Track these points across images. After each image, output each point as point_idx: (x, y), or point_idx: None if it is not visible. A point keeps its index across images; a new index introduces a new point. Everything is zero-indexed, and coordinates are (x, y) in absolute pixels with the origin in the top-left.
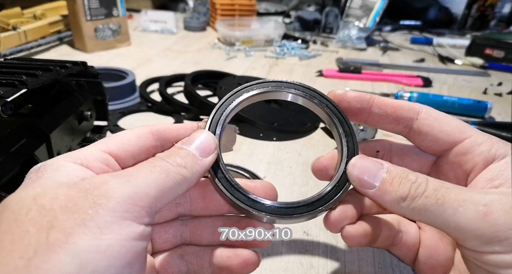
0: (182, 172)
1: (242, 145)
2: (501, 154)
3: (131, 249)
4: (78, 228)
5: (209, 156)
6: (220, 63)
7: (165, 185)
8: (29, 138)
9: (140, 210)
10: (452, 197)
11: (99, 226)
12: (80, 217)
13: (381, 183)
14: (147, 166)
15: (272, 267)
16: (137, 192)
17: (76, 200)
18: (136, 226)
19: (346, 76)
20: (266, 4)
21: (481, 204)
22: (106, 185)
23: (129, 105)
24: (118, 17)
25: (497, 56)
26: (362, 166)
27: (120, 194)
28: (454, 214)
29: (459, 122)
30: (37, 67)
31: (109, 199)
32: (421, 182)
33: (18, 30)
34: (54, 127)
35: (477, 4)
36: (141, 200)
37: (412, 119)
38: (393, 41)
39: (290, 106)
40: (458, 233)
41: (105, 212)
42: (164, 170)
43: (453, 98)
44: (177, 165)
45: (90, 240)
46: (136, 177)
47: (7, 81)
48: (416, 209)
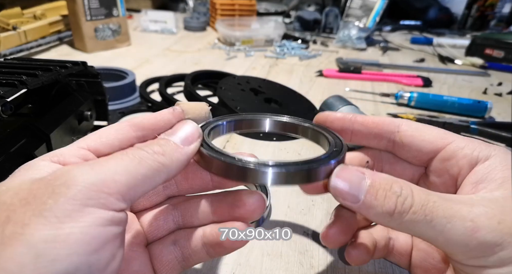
0: (159, 159)
1: (242, 145)
2: (484, 155)
3: (96, 236)
4: (35, 219)
5: (191, 144)
6: (220, 63)
7: (138, 172)
8: (29, 138)
9: (106, 196)
10: (440, 213)
11: (57, 215)
12: (37, 208)
13: (365, 197)
14: (119, 153)
15: (272, 267)
16: (102, 178)
17: (36, 192)
18: (103, 212)
19: (346, 76)
20: (266, 4)
21: (468, 219)
22: (67, 173)
23: (129, 105)
24: (118, 17)
25: (497, 56)
26: (344, 178)
27: (81, 181)
28: (442, 230)
29: (440, 130)
30: (37, 67)
31: (69, 187)
32: (407, 195)
33: (18, 30)
34: (54, 127)
35: (477, 4)
36: (108, 187)
37: (393, 133)
38: (393, 41)
39: (290, 106)
40: (447, 248)
41: (65, 200)
42: (137, 157)
43: (453, 98)
44: (153, 152)
45: (48, 229)
46: (103, 164)
47: (7, 81)
48: (404, 224)
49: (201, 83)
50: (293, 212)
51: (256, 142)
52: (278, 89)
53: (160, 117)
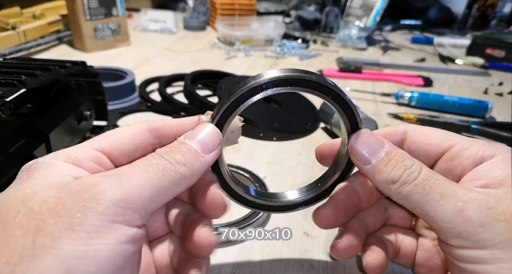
0: (181, 170)
1: (242, 145)
2: (488, 155)
3: (121, 253)
4: (66, 233)
5: (212, 152)
6: (220, 63)
7: (161, 185)
8: (28, 138)
9: (132, 213)
10: (437, 189)
11: (87, 231)
12: (68, 221)
13: (377, 161)
14: (143, 164)
15: (273, 268)
16: (129, 193)
17: (65, 203)
18: (127, 229)
19: (347, 76)
20: (266, 4)
21: (461, 200)
22: (96, 186)
23: (128, 105)
24: (118, 16)
25: (498, 56)
26: (364, 141)
27: (110, 197)
28: (434, 205)
29: (445, 132)
30: (36, 67)
31: (98, 202)
32: (415, 169)
33: (17, 30)
34: (54, 127)
35: (477, 3)
36: (133, 203)
37: (402, 142)
38: (393, 41)
39: (290, 106)
40: (434, 224)
41: (94, 215)
42: (161, 169)
43: (454, 98)
44: (176, 162)
45: (78, 245)
46: (130, 177)
47: (6, 81)
48: (402, 194)
49: (201, 83)
50: (293, 213)
51: (256, 142)
52: None
53: (182, 127)
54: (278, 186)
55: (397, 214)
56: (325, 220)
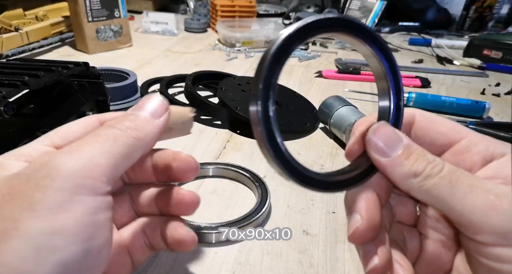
0: (133, 134)
1: (242, 145)
2: (499, 152)
3: (90, 224)
4: (27, 213)
5: (161, 117)
6: (221, 64)
7: (115, 151)
8: (31, 138)
9: (93, 182)
10: (465, 181)
11: (49, 207)
12: (26, 202)
13: (397, 154)
14: (91, 136)
15: (272, 266)
16: (84, 164)
17: (18, 187)
18: (92, 199)
19: (345, 77)
20: (266, 6)
21: (493, 193)
22: (47, 165)
23: (130, 106)
24: (120, 18)
25: (495, 57)
26: (382, 132)
27: (65, 171)
28: (463, 198)
29: (454, 123)
30: (39, 68)
31: (53, 178)
32: (438, 163)
33: (20, 31)
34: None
35: (475, 5)
36: (92, 171)
37: (410, 125)
38: (391, 42)
39: (290, 106)
40: (462, 218)
41: (53, 191)
42: (110, 136)
43: (451, 99)
44: (126, 128)
45: (42, 222)
46: (80, 150)
47: (9, 82)
48: (425, 187)
49: (201, 84)
50: (293, 211)
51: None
52: (277, 89)
53: None
54: (278, 186)
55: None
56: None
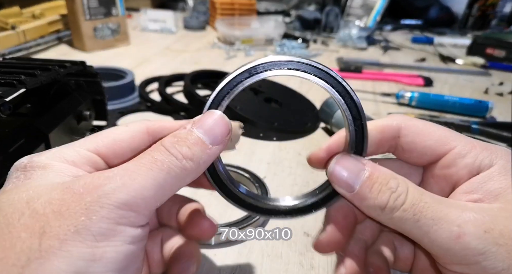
0: (187, 165)
1: (242, 145)
2: (486, 165)
3: (127, 254)
4: (72, 235)
5: (220, 144)
6: (220, 63)
7: (165, 183)
8: (28, 138)
9: (136, 215)
10: (428, 214)
11: (93, 234)
12: (73, 224)
13: (360, 187)
14: (148, 161)
15: (273, 268)
16: (133, 196)
17: (69, 205)
18: (132, 230)
19: (347, 76)
20: (266, 3)
21: (456, 224)
22: (100, 189)
23: (128, 105)
24: (117, 16)
25: (498, 56)
26: (343, 166)
27: (114, 201)
28: (428, 231)
29: (443, 132)
30: (36, 67)
31: (102, 206)
32: (401, 192)
33: (17, 30)
34: (53, 127)
35: (478, 3)
36: (137, 205)
37: (394, 139)
38: (394, 41)
39: (290, 106)
40: (432, 250)
41: (98, 219)
42: (165, 167)
43: (454, 98)
44: (183, 157)
45: (85, 247)
46: (134, 178)
47: (5, 81)
48: (394, 220)
49: (200, 82)
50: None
51: (256, 142)
52: (278, 89)
53: None
54: (278, 186)
55: None
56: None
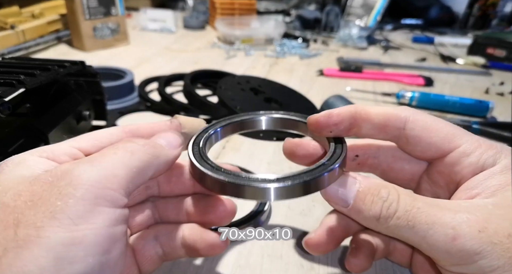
0: (149, 150)
1: (242, 145)
2: (489, 163)
3: (108, 236)
4: (48, 221)
5: (175, 149)
6: (220, 63)
7: (132, 165)
8: (27, 138)
9: (112, 193)
10: (422, 219)
11: (71, 217)
12: (48, 210)
13: (354, 201)
14: (111, 148)
15: (272, 268)
16: (104, 174)
17: (41, 194)
18: (111, 211)
19: (347, 76)
20: (266, 3)
21: (450, 226)
22: (69, 173)
23: (127, 105)
24: (117, 16)
25: (499, 56)
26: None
27: (87, 180)
28: (424, 236)
29: (450, 129)
30: (35, 67)
31: (76, 187)
32: (392, 201)
33: (16, 29)
34: (53, 127)
35: (478, 3)
36: (111, 182)
37: (399, 129)
38: (394, 40)
39: (290, 106)
40: (430, 253)
41: (75, 201)
42: (128, 150)
43: (455, 98)
44: (144, 143)
45: (63, 232)
46: (100, 160)
47: (5, 81)
48: (390, 228)
49: (200, 82)
50: (293, 213)
51: (256, 142)
52: (278, 88)
53: (157, 128)
54: None
55: None
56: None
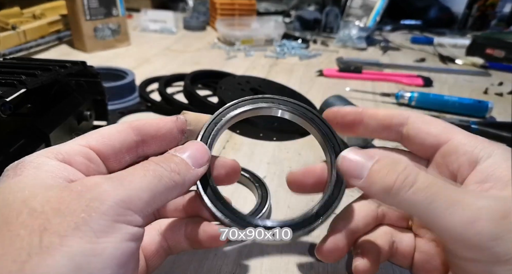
0: (175, 178)
1: (242, 145)
2: (486, 153)
3: (125, 251)
4: (72, 231)
5: (201, 167)
6: (220, 63)
7: (157, 190)
8: (28, 138)
9: (132, 214)
10: (442, 196)
11: (94, 230)
12: (73, 220)
13: (369, 172)
14: (141, 169)
15: (272, 268)
16: (130, 195)
17: (68, 203)
18: (130, 228)
19: (347, 76)
20: (266, 4)
21: (471, 208)
22: (99, 187)
23: (128, 105)
24: (118, 16)
25: (498, 56)
26: (352, 158)
27: (113, 197)
28: (442, 215)
29: (447, 125)
30: (36, 67)
31: (102, 203)
32: (409, 173)
33: (18, 30)
34: (54, 127)
35: (477, 3)
36: (134, 205)
37: (402, 125)
38: (393, 41)
39: None
40: (443, 234)
41: (98, 215)
42: (157, 175)
43: (454, 98)
44: (171, 170)
45: (85, 243)
46: (130, 180)
47: (6, 81)
48: (404, 202)
49: (201, 83)
50: (294, 213)
51: (256, 142)
52: (278, 89)
53: (162, 125)
54: (278, 186)
55: (392, 213)
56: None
